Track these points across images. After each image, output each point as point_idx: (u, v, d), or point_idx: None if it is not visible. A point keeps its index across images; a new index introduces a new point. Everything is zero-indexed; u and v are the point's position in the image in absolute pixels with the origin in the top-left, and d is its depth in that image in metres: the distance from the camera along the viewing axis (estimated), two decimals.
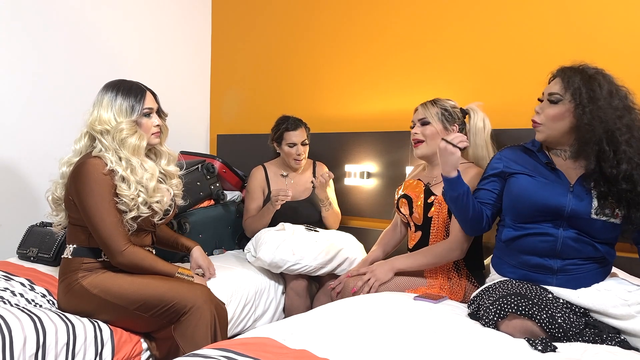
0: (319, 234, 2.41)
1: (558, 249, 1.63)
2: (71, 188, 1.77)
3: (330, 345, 1.31)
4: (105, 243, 1.72)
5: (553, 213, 1.63)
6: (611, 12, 2.06)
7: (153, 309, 1.70)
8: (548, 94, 1.66)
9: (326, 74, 2.92)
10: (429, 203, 2.01)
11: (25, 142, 2.54)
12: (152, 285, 1.73)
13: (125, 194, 1.73)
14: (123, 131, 1.77)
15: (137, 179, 1.76)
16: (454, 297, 1.89)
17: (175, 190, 1.96)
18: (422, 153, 2.07)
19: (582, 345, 1.39)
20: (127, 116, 1.80)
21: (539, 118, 1.69)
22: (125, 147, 1.77)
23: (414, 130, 2.07)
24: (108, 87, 1.85)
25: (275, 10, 3.15)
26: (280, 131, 2.56)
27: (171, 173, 1.96)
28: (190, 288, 1.74)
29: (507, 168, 1.76)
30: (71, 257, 1.78)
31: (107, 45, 2.87)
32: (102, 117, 1.79)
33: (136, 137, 1.79)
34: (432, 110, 2.04)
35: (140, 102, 1.83)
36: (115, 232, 1.71)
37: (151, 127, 1.86)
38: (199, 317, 1.68)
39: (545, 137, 1.69)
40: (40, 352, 1.52)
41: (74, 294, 1.74)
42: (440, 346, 1.34)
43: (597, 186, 1.58)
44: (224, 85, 3.43)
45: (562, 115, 1.63)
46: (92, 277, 1.75)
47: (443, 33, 2.49)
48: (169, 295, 1.71)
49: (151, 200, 1.78)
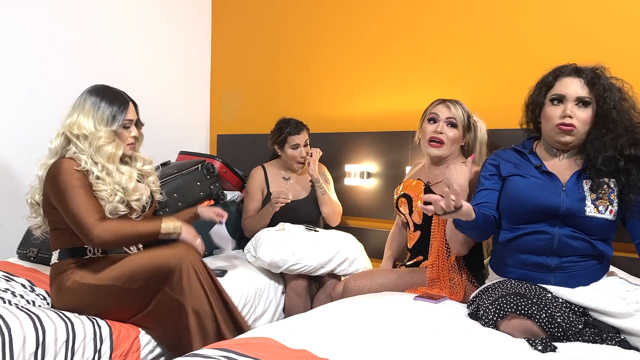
0: (319, 233, 2.41)
1: (554, 247, 1.63)
2: (47, 188, 1.78)
3: (330, 345, 1.31)
4: (79, 226, 1.70)
5: (548, 213, 1.63)
6: (612, 12, 2.06)
7: (139, 279, 1.72)
8: (577, 97, 1.65)
9: (326, 74, 2.92)
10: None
11: (25, 142, 2.54)
12: (134, 258, 1.77)
13: (102, 188, 1.74)
14: (101, 139, 1.78)
15: (114, 181, 1.78)
16: (454, 297, 1.89)
17: (152, 187, 1.98)
18: (441, 154, 2.02)
19: (582, 345, 1.39)
20: (107, 125, 1.81)
21: (575, 121, 1.65)
22: (101, 154, 1.78)
23: (439, 129, 1.99)
24: (92, 92, 1.85)
25: (275, 11, 3.15)
26: (284, 135, 2.56)
27: (147, 172, 1.98)
28: (170, 249, 1.77)
29: (503, 169, 1.76)
30: (58, 261, 1.80)
31: (107, 45, 2.87)
32: (81, 123, 1.80)
33: (113, 146, 1.81)
34: (461, 113, 1.99)
35: (122, 113, 1.84)
36: (86, 209, 1.70)
37: (127, 138, 1.88)
38: (187, 273, 1.71)
39: (577, 140, 1.68)
40: (39, 350, 1.53)
41: (65, 292, 1.76)
42: (440, 346, 1.34)
43: (596, 176, 1.61)
44: (224, 85, 3.44)
45: (592, 118, 1.64)
46: (80, 271, 1.77)
47: (443, 33, 2.49)
48: (150, 261, 1.73)
49: (130, 199, 1.80)
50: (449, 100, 2.05)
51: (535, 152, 1.75)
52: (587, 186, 1.62)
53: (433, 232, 1.99)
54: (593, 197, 1.61)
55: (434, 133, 2.00)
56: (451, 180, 1.84)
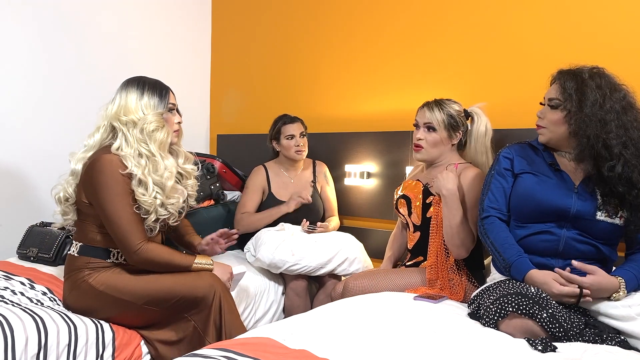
0: (319, 235, 2.40)
1: (560, 249, 1.63)
2: (86, 185, 1.74)
3: (330, 345, 1.31)
4: (121, 240, 1.70)
5: (558, 214, 1.63)
6: (612, 12, 2.06)
7: (163, 303, 1.71)
8: (548, 99, 1.67)
9: (326, 74, 2.92)
10: (427, 203, 2.01)
11: (25, 142, 2.54)
12: (161, 280, 1.74)
13: (144, 199, 1.70)
14: (152, 123, 1.74)
15: (154, 179, 1.73)
16: (454, 297, 1.89)
17: (190, 191, 1.93)
18: (421, 158, 2.06)
19: (582, 345, 1.39)
20: (154, 109, 1.78)
21: (542, 122, 1.69)
22: (152, 140, 1.74)
23: (418, 135, 2.04)
24: (131, 82, 1.82)
25: (276, 11, 3.15)
26: (278, 126, 2.57)
27: (188, 172, 1.94)
28: (198, 278, 1.75)
29: (516, 165, 1.75)
30: (77, 255, 1.77)
31: (107, 46, 2.87)
32: (129, 107, 1.75)
33: (164, 132, 1.77)
34: (439, 116, 2.00)
35: (165, 97, 1.82)
36: (131, 229, 1.69)
37: (174, 124, 1.85)
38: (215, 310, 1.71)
39: (547, 140, 1.70)
40: (42, 353, 1.52)
41: (80, 292, 1.74)
42: (440, 346, 1.34)
43: (601, 187, 1.59)
44: (224, 85, 3.44)
45: (562, 120, 1.63)
46: (98, 275, 1.74)
47: (444, 33, 2.49)
48: (177, 288, 1.71)
49: (167, 202, 1.76)
50: (432, 102, 2.05)
51: (548, 150, 1.75)
52: (599, 190, 1.61)
53: (432, 233, 1.99)
54: (604, 201, 1.60)
55: (416, 140, 2.06)
56: (440, 187, 1.89)
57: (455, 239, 1.87)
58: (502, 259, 1.66)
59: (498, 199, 1.75)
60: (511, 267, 1.62)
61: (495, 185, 1.76)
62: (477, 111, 2.07)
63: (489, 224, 1.73)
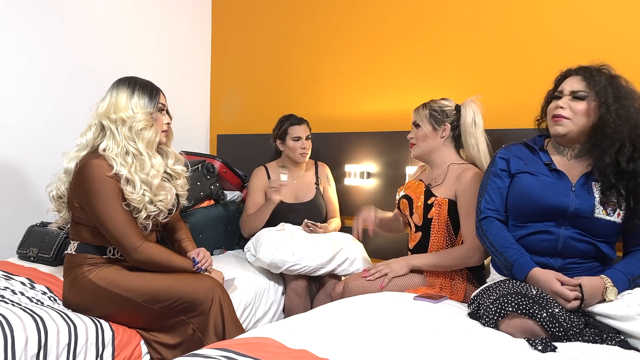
0: (319, 235, 2.40)
1: (559, 248, 1.63)
2: (76, 190, 1.76)
3: (330, 345, 1.31)
4: (119, 242, 1.72)
5: (556, 213, 1.63)
6: (613, 12, 2.06)
7: (161, 302, 1.72)
8: (572, 91, 1.66)
9: (326, 74, 2.92)
10: (428, 204, 2.01)
11: (26, 142, 2.54)
12: (160, 279, 1.75)
13: (133, 197, 1.72)
14: (141, 122, 1.76)
15: (141, 178, 1.74)
16: (454, 297, 1.89)
17: (180, 191, 1.95)
18: (415, 154, 2.12)
19: (582, 345, 1.39)
20: (144, 108, 1.80)
21: (565, 112, 1.66)
22: (140, 139, 1.76)
23: (410, 135, 2.13)
24: (123, 81, 1.84)
25: (276, 11, 3.15)
26: (285, 126, 2.56)
27: (178, 173, 1.95)
28: (197, 280, 1.76)
29: (512, 165, 1.75)
30: (75, 253, 1.79)
31: (107, 46, 2.87)
32: (119, 105, 1.77)
33: (152, 131, 1.79)
34: (422, 113, 2.09)
35: (155, 97, 1.84)
36: (127, 230, 1.71)
37: (163, 124, 1.87)
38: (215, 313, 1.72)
39: (567, 131, 1.67)
40: (41, 352, 1.52)
41: (80, 288, 1.75)
42: (440, 346, 1.34)
43: (605, 181, 1.60)
44: (224, 85, 3.44)
45: (588, 112, 1.64)
46: (98, 270, 1.75)
47: (443, 33, 2.49)
48: (177, 288, 1.72)
49: (156, 199, 1.78)
50: (418, 106, 2.12)
51: (545, 150, 1.75)
52: (597, 188, 1.62)
53: (432, 233, 1.99)
54: (603, 199, 1.60)
55: (409, 139, 2.14)
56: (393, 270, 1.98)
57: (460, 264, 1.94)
58: (502, 258, 1.66)
59: (495, 199, 1.76)
60: (513, 266, 1.63)
61: (492, 187, 1.77)
62: (466, 102, 2.07)
63: (487, 224, 1.74)
